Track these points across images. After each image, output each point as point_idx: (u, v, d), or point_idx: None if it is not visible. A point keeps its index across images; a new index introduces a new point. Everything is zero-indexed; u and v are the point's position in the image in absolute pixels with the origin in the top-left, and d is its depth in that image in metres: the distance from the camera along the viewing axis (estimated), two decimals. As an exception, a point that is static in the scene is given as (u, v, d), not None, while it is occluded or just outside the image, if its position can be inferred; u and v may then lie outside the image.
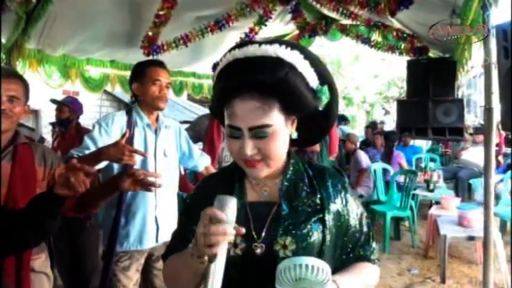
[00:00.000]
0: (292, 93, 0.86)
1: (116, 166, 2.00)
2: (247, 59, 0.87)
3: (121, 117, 2.07)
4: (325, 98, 0.91)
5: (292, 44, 0.91)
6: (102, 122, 2.04)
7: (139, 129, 2.08)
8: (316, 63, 0.91)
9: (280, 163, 0.96)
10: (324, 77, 0.92)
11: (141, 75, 2.09)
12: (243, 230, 0.80)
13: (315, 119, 0.94)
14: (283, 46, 0.88)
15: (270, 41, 0.88)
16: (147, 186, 1.65)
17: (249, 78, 0.85)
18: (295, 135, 0.94)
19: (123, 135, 1.72)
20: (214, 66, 6.11)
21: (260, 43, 0.88)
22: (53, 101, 3.95)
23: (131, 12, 4.14)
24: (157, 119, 2.17)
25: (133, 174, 1.62)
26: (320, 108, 0.91)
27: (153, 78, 2.07)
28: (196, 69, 6.22)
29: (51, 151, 1.72)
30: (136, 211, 2.05)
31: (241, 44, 0.91)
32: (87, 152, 1.89)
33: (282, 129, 0.89)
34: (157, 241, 2.10)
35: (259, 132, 0.86)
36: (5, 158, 1.49)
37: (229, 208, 0.78)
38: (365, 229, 1.02)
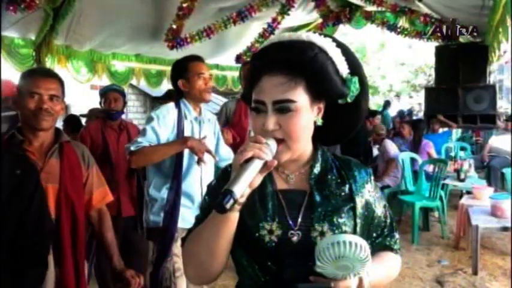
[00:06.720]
0: (318, 73, 0.88)
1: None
2: (280, 42, 0.91)
3: (172, 110, 2.19)
4: (354, 89, 0.92)
5: (326, 34, 0.95)
6: (160, 114, 2.15)
7: (188, 122, 2.22)
8: (348, 53, 0.94)
9: (303, 149, 0.95)
10: (355, 68, 0.94)
11: (185, 71, 2.19)
12: (275, 162, 0.82)
13: (343, 113, 0.96)
14: (317, 34, 0.93)
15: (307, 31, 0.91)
16: None
17: (278, 57, 0.89)
18: (320, 122, 0.94)
19: None
20: (238, 57, 6.11)
21: (297, 30, 0.91)
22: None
23: (154, 6, 4.18)
24: (200, 112, 2.28)
25: None
26: (349, 100, 0.93)
27: (198, 72, 2.18)
28: (220, 61, 6.23)
29: (88, 151, 1.83)
30: (185, 199, 2.19)
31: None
32: (151, 143, 2.04)
33: (306, 110, 0.90)
34: None
35: (283, 107, 0.87)
36: (53, 155, 1.57)
37: (271, 140, 0.85)
38: (389, 219, 1.04)
